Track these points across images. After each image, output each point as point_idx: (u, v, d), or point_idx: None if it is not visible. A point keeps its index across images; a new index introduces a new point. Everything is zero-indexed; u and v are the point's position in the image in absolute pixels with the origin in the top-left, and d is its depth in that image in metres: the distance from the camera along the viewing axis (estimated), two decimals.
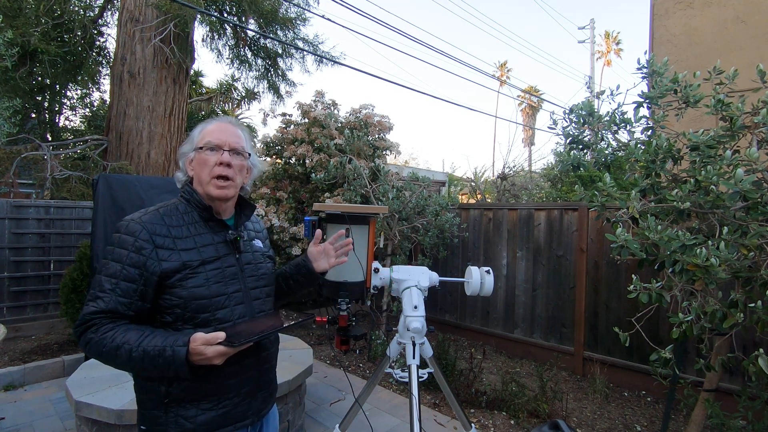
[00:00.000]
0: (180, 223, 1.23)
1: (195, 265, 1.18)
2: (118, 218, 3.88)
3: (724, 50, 4.77)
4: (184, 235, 1.21)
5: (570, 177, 7.28)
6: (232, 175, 1.24)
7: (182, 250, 1.18)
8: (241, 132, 1.31)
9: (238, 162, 1.26)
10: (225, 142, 1.24)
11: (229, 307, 1.21)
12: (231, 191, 1.26)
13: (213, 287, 1.19)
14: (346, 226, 1.87)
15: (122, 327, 1.10)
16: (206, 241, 1.24)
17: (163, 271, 1.13)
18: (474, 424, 2.52)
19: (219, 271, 1.22)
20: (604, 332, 4.13)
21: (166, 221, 1.21)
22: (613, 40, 29.15)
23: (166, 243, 1.17)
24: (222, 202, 1.27)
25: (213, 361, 1.06)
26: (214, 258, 1.22)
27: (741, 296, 1.89)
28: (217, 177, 1.22)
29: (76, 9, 6.85)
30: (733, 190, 1.75)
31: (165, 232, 1.18)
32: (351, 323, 1.95)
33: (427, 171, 15.08)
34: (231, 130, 1.27)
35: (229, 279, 1.23)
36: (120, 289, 1.11)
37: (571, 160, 2.76)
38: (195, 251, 1.20)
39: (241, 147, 1.27)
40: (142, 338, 1.07)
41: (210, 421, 1.17)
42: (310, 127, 5.58)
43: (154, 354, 1.05)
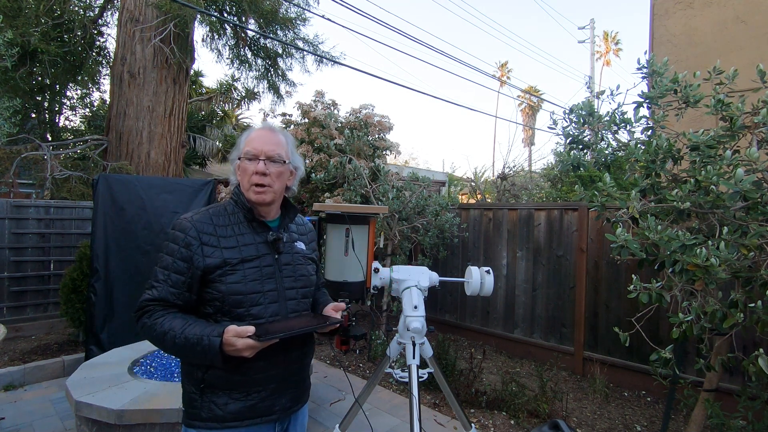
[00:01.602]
0: (226, 223, 1.32)
1: (235, 263, 1.26)
2: (119, 218, 3.93)
3: (724, 50, 4.77)
4: (228, 234, 1.30)
5: (570, 177, 7.28)
6: (268, 182, 1.30)
7: (225, 248, 1.27)
8: (282, 138, 1.36)
9: (275, 169, 1.31)
10: (261, 151, 1.29)
11: (264, 304, 1.27)
12: (268, 197, 1.32)
13: (249, 284, 1.26)
14: (346, 226, 1.87)
15: (171, 315, 1.21)
16: (248, 240, 1.31)
17: (206, 266, 1.23)
18: (474, 424, 2.52)
19: (257, 269, 1.28)
20: (604, 332, 4.13)
21: (213, 221, 1.31)
22: (612, 40, 29.15)
23: (211, 241, 1.27)
24: (262, 206, 1.34)
25: (242, 353, 1.13)
26: (253, 257, 1.29)
27: (741, 296, 1.89)
28: (254, 184, 1.30)
29: (76, 9, 6.85)
30: (733, 190, 1.75)
31: (211, 231, 1.28)
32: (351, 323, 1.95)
33: (427, 171, 15.09)
34: (269, 138, 1.32)
35: (266, 278, 1.29)
36: (171, 280, 1.23)
37: (571, 160, 2.76)
38: (236, 250, 1.28)
39: (277, 155, 1.31)
40: (185, 326, 1.17)
41: (238, 410, 1.24)
42: (310, 127, 5.58)
43: (194, 341, 1.14)
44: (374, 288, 1.97)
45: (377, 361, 4.37)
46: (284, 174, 1.35)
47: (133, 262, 3.91)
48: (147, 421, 2.22)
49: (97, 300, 3.78)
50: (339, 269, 1.90)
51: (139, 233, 3.95)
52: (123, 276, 3.87)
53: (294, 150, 1.41)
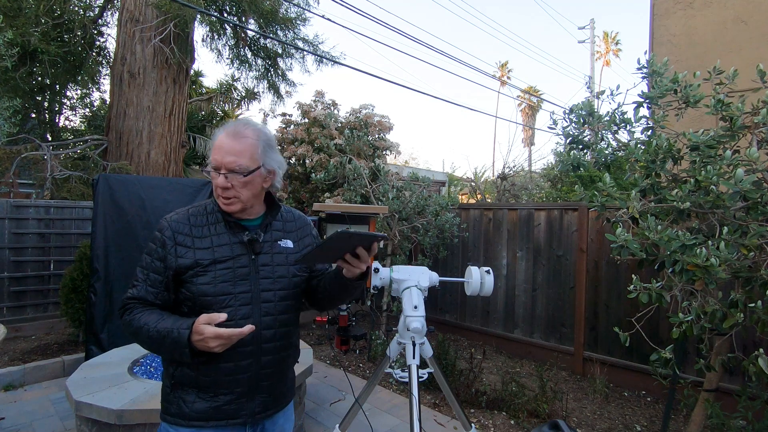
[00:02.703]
0: (203, 223, 1.30)
1: (206, 264, 1.24)
2: (119, 218, 3.93)
3: (724, 50, 4.77)
4: (204, 234, 1.29)
5: (570, 177, 7.28)
6: (233, 194, 1.26)
7: (198, 248, 1.26)
8: (249, 141, 1.26)
9: (238, 180, 1.25)
10: (221, 164, 1.24)
11: (234, 306, 1.23)
12: (236, 207, 1.28)
13: (219, 286, 1.23)
14: (346, 226, 1.87)
15: (148, 311, 1.23)
16: (223, 240, 1.28)
17: (178, 266, 1.23)
18: (474, 424, 2.52)
19: (229, 270, 1.25)
20: (604, 332, 4.13)
21: (191, 221, 1.30)
22: (612, 40, 29.16)
23: (186, 241, 1.26)
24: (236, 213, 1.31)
25: (210, 343, 1.11)
26: (226, 258, 1.26)
27: (741, 296, 1.89)
28: (220, 195, 1.27)
29: (76, 9, 6.85)
30: (733, 190, 1.75)
31: (186, 231, 1.27)
32: (351, 323, 1.95)
33: (427, 171, 15.09)
34: (230, 147, 1.24)
35: (240, 279, 1.26)
36: (149, 280, 1.25)
37: (571, 160, 2.76)
38: (209, 250, 1.26)
39: (238, 166, 1.23)
40: (159, 320, 1.19)
41: (204, 410, 1.23)
42: (310, 127, 5.58)
43: (164, 334, 1.15)
44: (374, 288, 1.97)
45: (377, 361, 4.36)
46: (253, 182, 1.27)
47: (133, 262, 3.87)
48: (147, 421, 2.22)
49: (97, 300, 3.78)
50: None
51: (139, 233, 3.95)
52: (123, 276, 3.87)
53: (268, 150, 1.31)
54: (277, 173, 1.36)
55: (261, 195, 1.36)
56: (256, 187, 1.30)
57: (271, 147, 1.33)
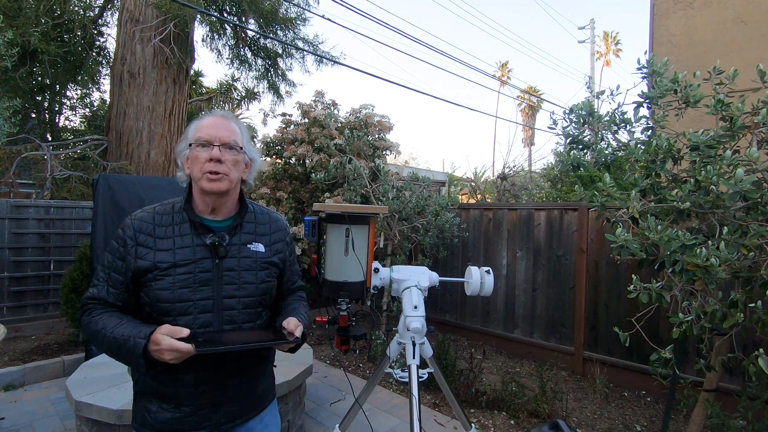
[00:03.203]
0: (167, 223, 1.23)
1: (164, 267, 1.16)
2: (119, 218, 3.92)
3: (724, 50, 4.77)
4: (166, 235, 1.21)
5: (570, 177, 7.28)
6: (224, 170, 1.19)
7: (159, 250, 1.18)
8: (235, 126, 1.26)
9: (231, 157, 1.21)
10: (215, 137, 1.20)
11: (193, 314, 1.16)
12: (224, 184, 1.20)
13: (178, 292, 1.16)
14: (346, 227, 1.87)
15: (108, 313, 1.16)
16: (186, 242, 1.21)
17: (137, 268, 1.16)
18: (474, 424, 2.52)
19: (189, 275, 1.17)
20: (604, 332, 4.13)
21: (155, 219, 1.23)
22: (612, 40, 29.15)
23: (147, 241, 1.19)
24: (216, 197, 1.23)
25: (164, 355, 1.05)
26: (187, 261, 1.18)
27: (741, 296, 1.89)
28: (209, 172, 1.18)
29: (76, 9, 6.85)
30: (733, 190, 1.75)
31: (149, 231, 1.20)
32: (351, 323, 1.95)
33: (427, 171, 15.08)
34: (223, 124, 1.23)
35: (200, 285, 1.18)
36: (111, 280, 1.19)
37: (571, 160, 2.76)
38: (170, 253, 1.18)
39: (233, 141, 1.21)
40: (117, 325, 1.12)
41: (167, 420, 1.18)
42: (310, 127, 5.58)
43: (120, 342, 1.08)
44: (374, 288, 1.97)
45: (377, 361, 4.37)
46: (240, 163, 1.24)
47: None
48: None
49: None
50: (339, 269, 1.90)
51: None
52: None
53: (249, 140, 1.30)
54: (254, 165, 1.32)
55: (239, 186, 1.30)
56: (239, 171, 1.25)
57: (250, 138, 1.32)
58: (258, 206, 1.41)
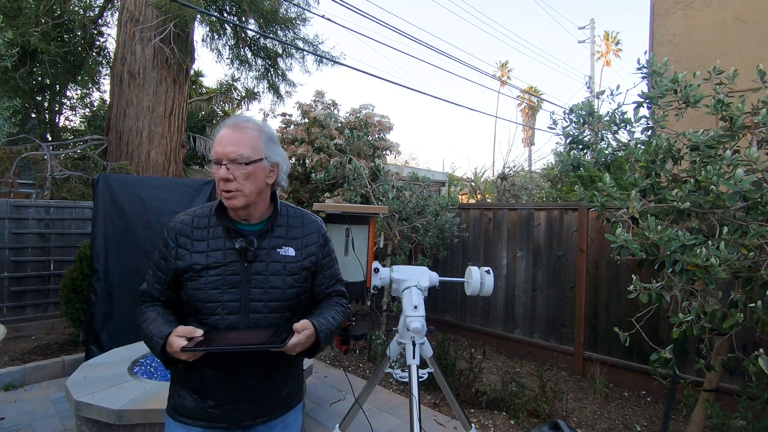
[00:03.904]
0: (204, 225, 1.29)
1: (198, 269, 1.22)
2: (119, 218, 3.93)
3: (724, 50, 4.77)
4: (202, 237, 1.27)
5: (570, 177, 7.28)
6: (235, 187, 1.21)
7: (195, 252, 1.25)
8: (250, 133, 1.24)
9: (241, 172, 1.21)
10: (222, 155, 1.21)
11: (221, 314, 1.21)
12: (239, 201, 1.23)
13: (209, 293, 1.21)
14: (346, 227, 1.87)
15: (152, 308, 1.27)
16: (218, 245, 1.25)
17: (176, 268, 1.25)
18: (474, 424, 2.52)
19: (220, 278, 1.22)
20: (604, 332, 4.13)
21: (194, 222, 1.29)
22: (612, 40, 29.15)
23: (186, 243, 1.26)
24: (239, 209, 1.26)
25: (179, 356, 1.11)
26: (219, 264, 1.23)
27: (741, 296, 1.89)
28: (222, 190, 1.23)
29: (76, 9, 6.85)
30: (733, 190, 1.75)
31: (187, 233, 1.27)
32: (351, 323, 1.96)
33: (427, 171, 15.08)
34: (231, 138, 1.22)
35: (229, 287, 1.22)
36: (155, 276, 1.29)
37: (571, 160, 2.76)
38: (204, 255, 1.24)
39: (240, 156, 1.20)
40: (152, 321, 1.21)
41: (191, 408, 1.25)
42: (310, 127, 5.58)
43: (148, 338, 1.18)
44: (374, 288, 1.97)
45: (377, 361, 4.36)
46: (255, 174, 1.23)
47: (133, 262, 3.90)
48: (147, 421, 2.22)
49: (97, 300, 3.78)
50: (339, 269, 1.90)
51: (139, 233, 3.95)
52: (123, 276, 3.87)
53: (270, 143, 1.28)
54: (281, 167, 1.31)
55: (266, 192, 1.30)
56: (259, 181, 1.24)
57: (273, 141, 1.30)
58: (293, 209, 1.41)
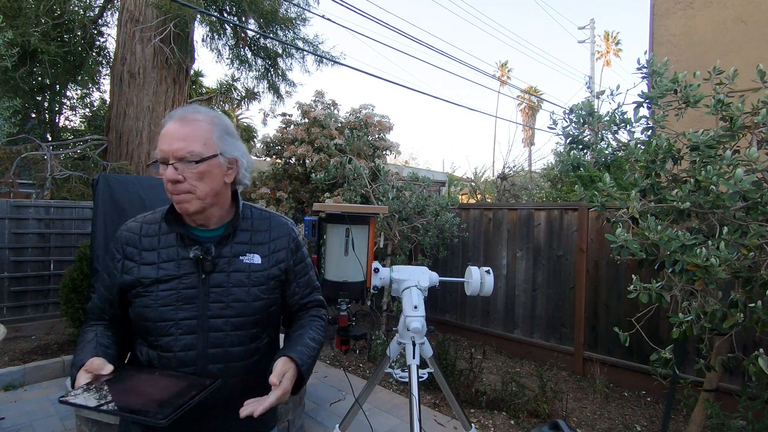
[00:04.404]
0: (154, 233, 1.12)
1: (147, 283, 1.07)
2: (119, 218, 3.91)
3: (724, 50, 4.77)
4: (152, 246, 1.11)
5: (570, 177, 7.28)
6: (186, 189, 1.05)
7: (143, 264, 1.09)
8: (201, 126, 1.07)
9: (192, 171, 1.04)
10: (168, 153, 1.03)
11: (174, 335, 1.05)
12: (192, 205, 1.06)
13: (159, 310, 1.06)
14: (346, 227, 1.87)
15: (92, 328, 1.12)
16: (171, 255, 1.10)
17: (122, 283, 1.09)
18: (474, 424, 2.52)
19: (173, 292, 1.07)
20: (604, 332, 4.13)
21: (143, 230, 1.13)
22: (612, 40, 29.16)
23: (133, 255, 1.10)
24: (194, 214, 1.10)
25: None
26: (171, 277, 1.07)
27: (741, 296, 1.89)
28: (172, 193, 1.07)
29: (76, 9, 6.85)
30: (733, 190, 1.75)
31: (135, 242, 1.11)
32: (351, 323, 1.96)
33: (427, 171, 15.08)
34: (177, 132, 1.04)
35: (184, 303, 1.07)
36: (99, 293, 1.15)
37: (571, 160, 2.76)
38: (154, 267, 1.08)
39: (189, 152, 1.03)
40: (84, 345, 1.06)
41: None
42: (310, 127, 5.58)
43: (71, 366, 1.04)
44: (374, 288, 1.97)
45: (377, 361, 4.37)
46: (210, 173, 1.06)
47: None
48: None
49: None
50: (339, 269, 1.90)
51: None
52: None
53: (226, 136, 1.11)
54: (240, 163, 1.14)
55: (224, 193, 1.14)
56: (215, 181, 1.08)
57: (230, 133, 1.13)
58: (258, 210, 1.26)
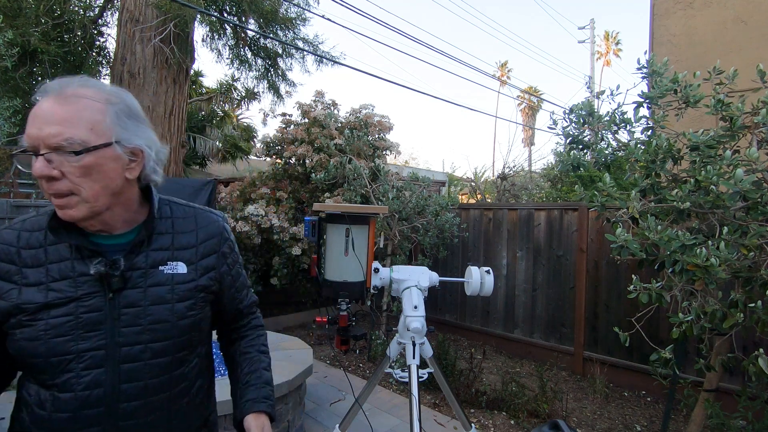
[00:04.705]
0: (38, 243, 0.85)
1: (32, 310, 0.81)
2: None
3: (724, 50, 4.77)
4: (37, 262, 0.84)
5: (570, 177, 7.28)
6: (66, 188, 0.79)
7: (25, 285, 0.83)
8: (77, 108, 0.79)
9: (72, 165, 0.78)
10: (38, 140, 0.77)
11: (75, 372, 0.82)
12: (78, 210, 0.81)
13: (52, 342, 0.81)
14: (346, 226, 1.87)
15: None
16: (64, 272, 0.84)
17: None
18: (474, 424, 2.52)
19: (69, 318, 0.82)
20: (604, 332, 4.13)
21: (22, 239, 0.85)
22: (612, 40, 29.16)
23: (11, 272, 0.83)
24: (83, 222, 0.84)
25: None
26: (65, 299, 0.82)
27: (741, 296, 1.89)
28: (50, 195, 0.80)
29: (76, 9, 6.85)
30: (733, 190, 1.75)
31: (13, 257, 0.84)
32: (351, 323, 1.96)
33: (427, 171, 15.08)
34: (52, 114, 0.77)
35: (86, 331, 0.83)
36: None
37: (571, 160, 2.76)
38: (41, 289, 0.82)
39: (67, 140, 0.76)
40: None
41: None
42: (310, 127, 5.58)
43: None
44: (374, 288, 1.97)
45: (377, 361, 4.37)
46: (100, 167, 0.80)
47: None
48: None
49: None
50: (339, 269, 1.90)
51: None
52: None
53: (124, 118, 0.86)
54: (146, 154, 0.89)
55: (127, 191, 0.89)
56: (109, 177, 0.82)
57: (131, 115, 0.89)
58: (180, 206, 1.02)
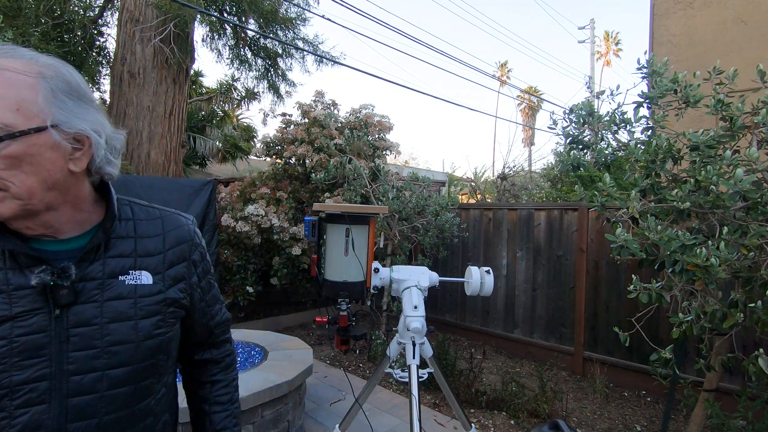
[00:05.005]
0: None
1: None
2: None
3: (724, 50, 4.78)
4: None
5: (570, 177, 7.28)
6: None
7: None
8: (16, 78, 0.65)
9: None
10: None
11: (7, 411, 0.67)
12: (7, 207, 0.66)
13: None
14: (346, 226, 1.87)
15: None
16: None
17: None
18: (474, 424, 2.52)
19: (4, 343, 0.67)
20: (604, 332, 4.13)
21: None
22: (612, 40, 29.17)
23: None
24: (16, 222, 0.70)
25: None
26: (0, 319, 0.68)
27: (741, 296, 1.89)
28: None
29: (76, 9, 6.85)
30: (733, 190, 1.75)
31: None
32: (351, 323, 1.96)
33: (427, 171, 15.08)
34: None
35: (23, 357, 0.68)
36: None
37: (571, 160, 2.76)
38: None
39: None
40: None
41: None
42: (310, 127, 5.58)
43: None
44: (374, 288, 1.97)
45: (377, 361, 4.37)
46: (32, 158, 0.66)
47: None
48: None
49: None
50: (339, 269, 1.90)
51: None
52: None
53: (63, 97, 0.70)
54: (94, 141, 0.73)
55: (74, 187, 0.74)
56: (47, 170, 0.68)
57: (74, 93, 0.73)
58: (143, 207, 0.88)
